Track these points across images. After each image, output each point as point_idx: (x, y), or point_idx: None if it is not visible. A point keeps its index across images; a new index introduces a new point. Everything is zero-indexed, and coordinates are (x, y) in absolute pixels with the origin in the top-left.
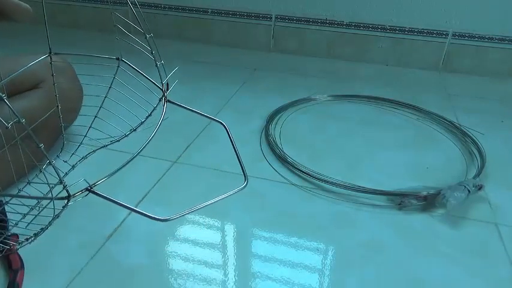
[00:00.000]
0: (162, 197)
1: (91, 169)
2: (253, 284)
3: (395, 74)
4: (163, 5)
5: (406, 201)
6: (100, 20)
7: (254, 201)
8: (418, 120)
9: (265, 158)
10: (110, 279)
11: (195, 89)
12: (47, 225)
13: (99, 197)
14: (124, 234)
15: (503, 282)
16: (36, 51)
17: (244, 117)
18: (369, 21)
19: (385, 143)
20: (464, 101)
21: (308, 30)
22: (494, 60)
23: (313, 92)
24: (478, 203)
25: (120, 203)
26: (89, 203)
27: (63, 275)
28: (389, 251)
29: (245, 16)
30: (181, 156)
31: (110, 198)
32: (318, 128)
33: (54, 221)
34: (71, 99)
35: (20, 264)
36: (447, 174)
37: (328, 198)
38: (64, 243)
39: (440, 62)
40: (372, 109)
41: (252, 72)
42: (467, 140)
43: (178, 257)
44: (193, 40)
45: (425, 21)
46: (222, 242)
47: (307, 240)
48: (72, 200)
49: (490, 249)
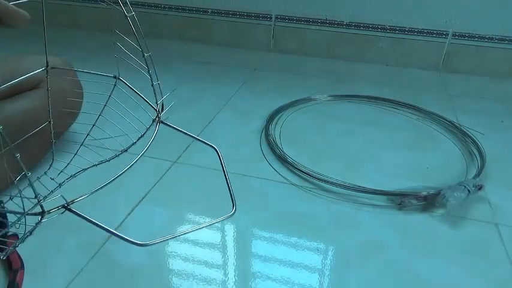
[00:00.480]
0: (162, 197)
1: (84, 177)
2: (253, 284)
3: (395, 74)
4: (163, 5)
5: (406, 201)
6: (100, 20)
7: (254, 201)
8: (418, 120)
9: (265, 158)
10: (110, 279)
11: (195, 89)
12: (20, 240)
13: (76, 215)
14: (124, 234)
15: (503, 282)
16: (36, 51)
17: (244, 117)
18: (369, 21)
19: (385, 143)
20: (464, 101)
21: (308, 30)
22: (494, 60)
23: (313, 92)
24: (478, 203)
25: (97, 223)
26: (89, 203)
27: (63, 275)
28: (390, 251)
29: (245, 16)
30: (181, 156)
31: (86, 218)
32: (318, 128)
33: (27, 237)
34: (72, 100)
35: (20, 264)
36: (447, 174)
37: (328, 198)
38: (64, 243)
39: (440, 62)
40: (372, 109)
41: (252, 72)
42: (467, 140)
43: (178, 257)
44: (193, 40)
45: (425, 21)
46: (222, 242)
47: (307, 240)
48: (46, 217)
49: (490, 249)
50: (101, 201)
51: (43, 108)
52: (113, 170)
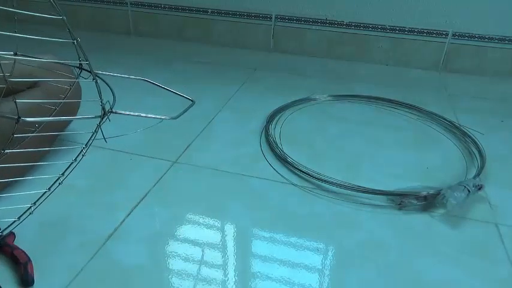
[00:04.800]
0: (162, 197)
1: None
2: (253, 284)
3: (395, 74)
4: (163, 5)
5: (406, 201)
6: (100, 20)
7: (254, 201)
8: (418, 120)
9: (265, 158)
10: (110, 279)
11: (195, 89)
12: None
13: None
14: (124, 234)
15: (503, 282)
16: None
17: (244, 117)
18: (369, 21)
19: (385, 143)
20: (464, 101)
21: (308, 30)
22: (494, 60)
23: (313, 92)
24: (478, 203)
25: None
26: (89, 203)
27: (63, 274)
28: (389, 251)
29: (245, 16)
30: (181, 156)
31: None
32: (318, 128)
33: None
34: (70, 97)
35: (26, 257)
36: (447, 174)
37: (328, 198)
38: (64, 243)
39: (440, 62)
40: (372, 109)
41: (252, 72)
42: (467, 140)
43: (178, 257)
44: (193, 40)
45: (425, 21)
46: (222, 242)
47: (307, 240)
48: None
49: (490, 249)
50: (101, 201)
51: (44, 107)
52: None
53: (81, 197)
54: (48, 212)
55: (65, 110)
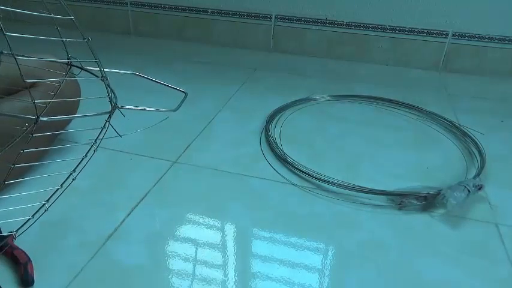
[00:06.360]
0: (162, 197)
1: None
2: (253, 284)
3: (395, 74)
4: (163, 5)
5: (406, 201)
6: (100, 20)
7: (254, 201)
8: (418, 120)
9: (265, 158)
10: (110, 279)
11: (195, 89)
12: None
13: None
14: (124, 234)
15: (503, 282)
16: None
17: (244, 117)
18: (369, 21)
19: (385, 143)
20: (464, 101)
21: (308, 30)
22: (494, 60)
23: (313, 92)
24: (478, 203)
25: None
26: (89, 203)
27: (63, 274)
28: (389, 251)
29: (245, 16)
30: (181, 156)
31: (133, 108)
32: (318, 128)
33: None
34: (69, 96)
35: (26, 257)
36: (447, 174)
37: (328, 198)
38: (64, 243)
39: (440, 62)
40: (372, 109)
41: (252, 72)
42: (467, 140)
43: (178, 257)
44: (193, 40)
45: (425, 21)
46: (222, 242)
47: (307, 240)
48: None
49: (490, 249)
50: (101, 201)
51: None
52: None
53: (81, 197)
54: (48, 212)
55: (65, 109)
